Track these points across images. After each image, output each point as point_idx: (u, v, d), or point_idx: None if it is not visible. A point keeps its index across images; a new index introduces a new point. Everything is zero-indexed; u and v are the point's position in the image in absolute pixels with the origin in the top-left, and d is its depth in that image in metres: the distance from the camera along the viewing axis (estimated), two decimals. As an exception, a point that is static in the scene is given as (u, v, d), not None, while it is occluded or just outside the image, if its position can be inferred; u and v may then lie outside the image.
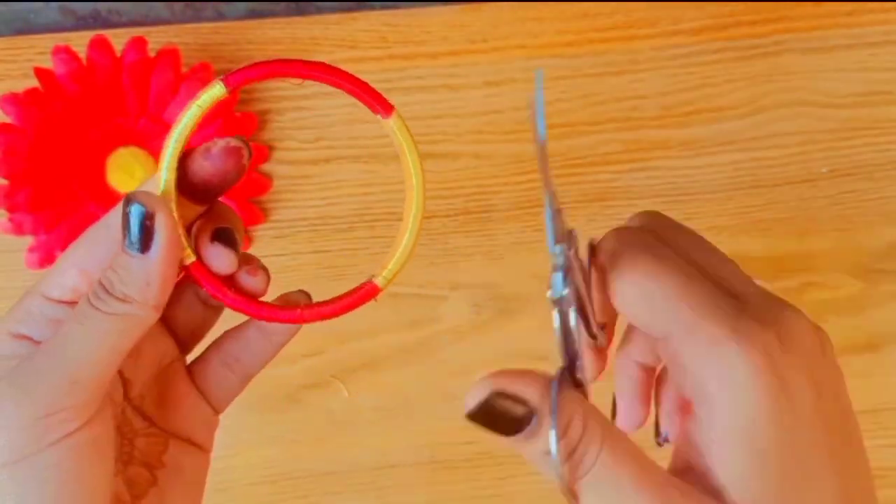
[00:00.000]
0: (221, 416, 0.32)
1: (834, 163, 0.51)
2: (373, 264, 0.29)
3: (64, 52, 0.44)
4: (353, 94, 0.27)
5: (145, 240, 0.26)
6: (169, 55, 0.46)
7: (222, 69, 0.49)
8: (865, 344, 0.52)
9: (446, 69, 0.50)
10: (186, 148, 0.27)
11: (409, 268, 0.50)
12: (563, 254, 0.22)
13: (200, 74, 0.46)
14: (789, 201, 0.51)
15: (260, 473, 0.50)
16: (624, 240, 0.25)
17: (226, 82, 0.26)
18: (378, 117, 0.27)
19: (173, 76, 0.46)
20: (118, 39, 0.46)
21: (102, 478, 0.27)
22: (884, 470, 0.29)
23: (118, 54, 0.45)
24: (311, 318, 0.28)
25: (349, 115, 0.50)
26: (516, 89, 0.50)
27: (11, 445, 0.25)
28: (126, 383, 0.29)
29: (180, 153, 0.27)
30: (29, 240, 0.46)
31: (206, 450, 0.31)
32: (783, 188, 0.51)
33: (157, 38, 0.47)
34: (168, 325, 0.31)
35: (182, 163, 0.27)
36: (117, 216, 0.26)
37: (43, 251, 0.46)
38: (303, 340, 0.32)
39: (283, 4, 0.51)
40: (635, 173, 0.51)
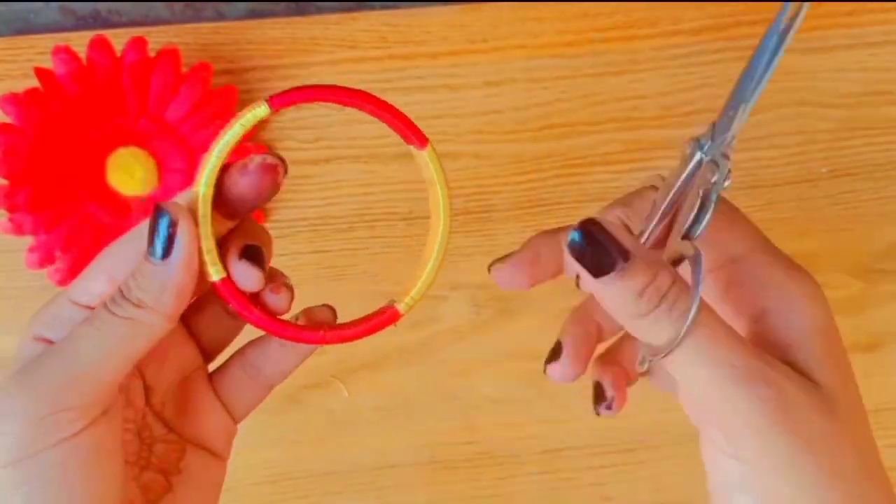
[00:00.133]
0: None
1: (834, 163, 0.51)
2: (373, 264, 0.29)
3: (64, 52, 0.44)
4: (390, 124, 0.28)
5: (167, 248, 0.26)
6: (169, 55, 0.46)
7: (222, 69, 0.49)
8: (865, 344, 0.52)
9: (446, 69, 0.50)
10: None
11: (410, 268, 0.50)
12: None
13: (200, 74, 0.46)
14: (789, 201, 0.51)
15: (261, 474, 0.50)
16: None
17: (270, 103, 0.26)
18: (412, 148, 0.28)
19: (173, 76, 0.46)
20: (118, 39, 0.45)
21: (109, 481, 0.27)
22: (886, 470, 0.29)
23: (118, 54, 0.45)
24: (333, 341, 0.28)
25: (349, 116, 0.50)
26: (516, 89, 0.50)
27: (16, 443, 0.25)
28: (148, 389, 0.30)
29: (219, 169, 0.27)
30: (29, 240, 0.46)
31: (223, 458, 0.32)
32: (783, 188, 0.51)
33: (157, 38, 0.47)
34: (192, 334, 0.31)
35: (217, 178, 0.27)
36: (146, 227, 0.27)
37: (43, 251, 0.46)
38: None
39: (283, 4, 0.51)
40: (635, 173, 0.50)
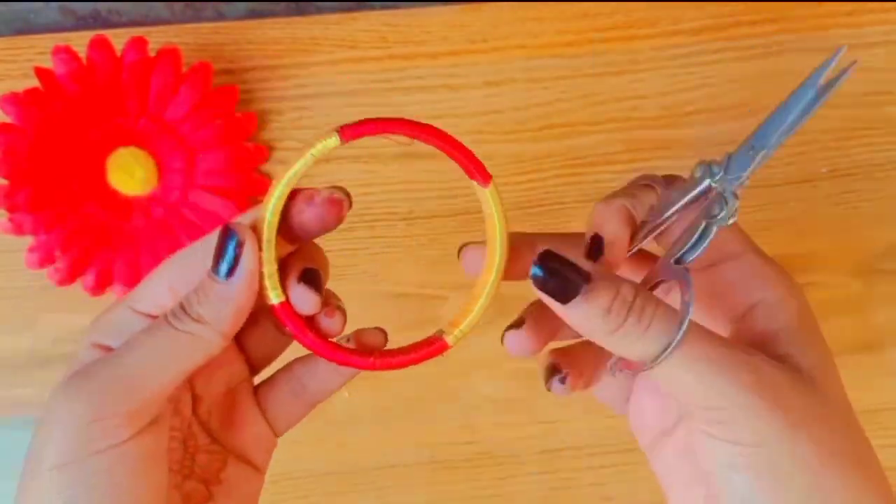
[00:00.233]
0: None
1: (834, 163, 0.51)
2: (373, 264, 0.29)
3: (64, 52, 0.44)
4: (455, 159, 0.28)
5: (231, 269, 0.27)
6: (169, 55, 0.46)
7: (222, 69, 0.49)
8: (865, 344, 0.52)
9: (446, 69, 0.50)
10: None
11: (410, 268, 0.50)
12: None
13: (200, 74, 0.46)
14: (789, 201, 0.51)
15: (260, 473, 0.50)
16: None
17: (341, 134, 0.27)
18: (475, 184, 0.28)
19: (173, 76, 0.46)
20: (118, 39, 0.45)
21: (153, 489, 0.27)
22: (886, 470, 0.29)
23: (118, 54, 0.45)
24: (382, 368, 0.29)
25: (349, 116, 0.49)
26: (516, 89, 0.50)
27: (64, 447, 0.26)
28: (196, 399, 0.30)
29: (286, 197, 0.27)
30: (29, 240, 0.46)
31: (262, 471, 0.32)
32: (783, 188, 0.51)
33: (157, 38, 0.47)
34: (241, 347, 0.31)
35: (283, 204, 0.27)
36: (212, 241, 0.27)
37: (43, 251, 0.46)
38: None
39: (283, 4, 0.51)
40: (635, 173, 0.50)
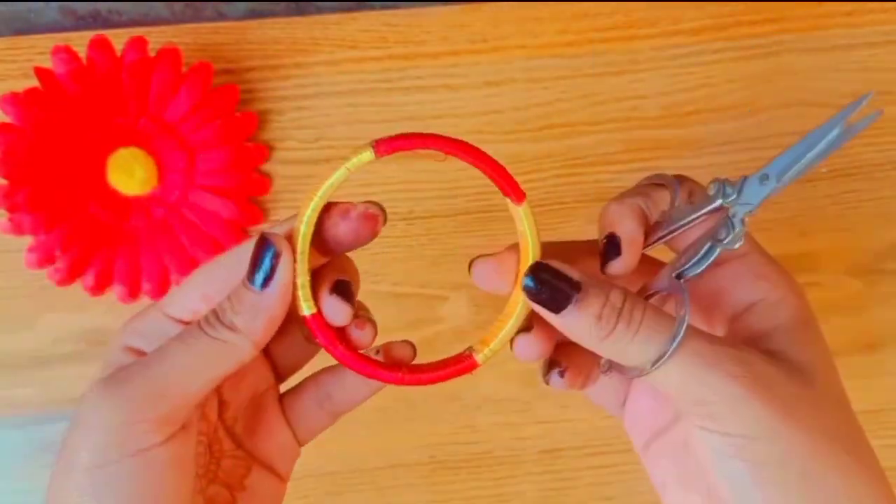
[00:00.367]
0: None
1: (834, 163, 0.51)
2: (373, 264, 0.29)
3: (64, 52, 0.44)
4: (490, 177, 0.28)
5: (266, 278, 0.27)
6: (169, 55, 0.46)
7: (222, 69, 0.49)
8: (865, 344, 0.52)
9: (446, 69, 0.50)
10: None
11: (410, 268, 0.50)
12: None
13: (200, 74, 0.46)
14: (789, 201, 0.51)
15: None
16: None
17: (376, 149, 0.27)
18: (508, 201, 0.28)
19: (173, 76, 0.46)
20: (118, 39, 0.45)
21: (180, 494, 0.27)
22: (886, 470, 0.29)
23: (118, 54, 0.45)
24: (410, 383, 0.29)
25: (349, 116, 0.50)
26: (516, 89, 0.50)
27: (96, 449, 0.26)
28: (223, 404, 0.30)
29: (321, 209, 0.28)
30: (29, 240, 0.46)
31: (284, 479, 0.32)
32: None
33: (157, 38, 0.47)
34: (268, 356, 0.32)
35: (318, 216, 0.28)
36: (248, 250, 0.27)
37: (42, 251, 0.46)
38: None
39: (283, 4, 0.51)
40: (635, 173, 0.50)
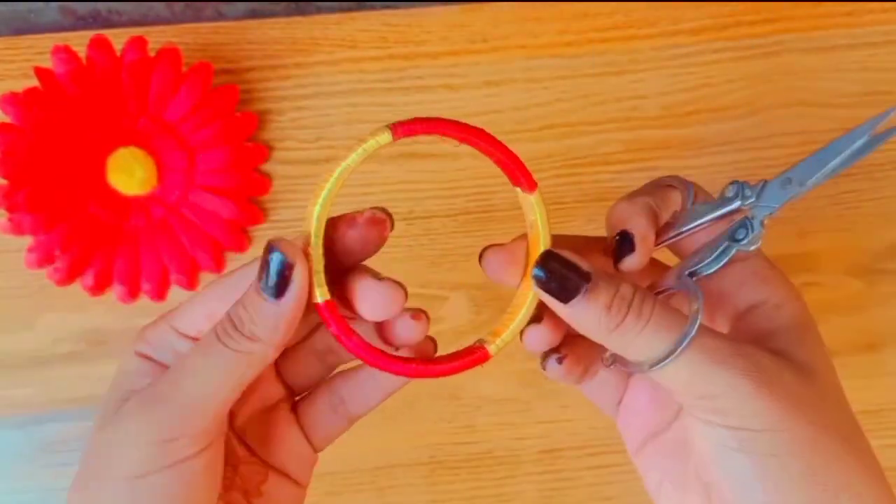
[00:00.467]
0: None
1: (834, 163, 0.51)
2: (373, 264, 0.29)
3: (64, 52, 0.44)
4: (502, 165, 0.28)
5: (281, 287, 0.26)
6: (169, 55, 0.46)
7: (222, 69, 0.49)
8: (865, 344, 0.52)
9: (446, 69, 0.50)
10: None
11: (410, 268, 0.50)
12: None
13: (200, 74, 0.46)
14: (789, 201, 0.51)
15: (260, 473, 0.50)
16: None
17: (393, 131, 0.27)
18: (518, 190, 0.28)
19: (173, 76, 0.46)
20: (118, 39, 0.45)
21: (207, 501, 0.28)
22: (886, 470, 0.29)
23: (118, 54, 0.45)
24: (422, 375, 0.29)
25: (349, 115, 0.50)
26: (516, 89, 0.50)
27: (135, 460, 0.27)
28: (230, 414, 0.30)
29: (339, 187, 0.28)
30: (29, 240, 0.46)
31: (303, 485, 0.32)
32: (783, 188, 0.51)
33: (157, 38, 0.47)
34: (280, 376, 0.32)
35: (326, 229, 0.28)
36: (254, 270, 0.27)
37: (42, 251, 0.46)
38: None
39: (283, 4, 0.51)
40: (635, 173, 0.50)
